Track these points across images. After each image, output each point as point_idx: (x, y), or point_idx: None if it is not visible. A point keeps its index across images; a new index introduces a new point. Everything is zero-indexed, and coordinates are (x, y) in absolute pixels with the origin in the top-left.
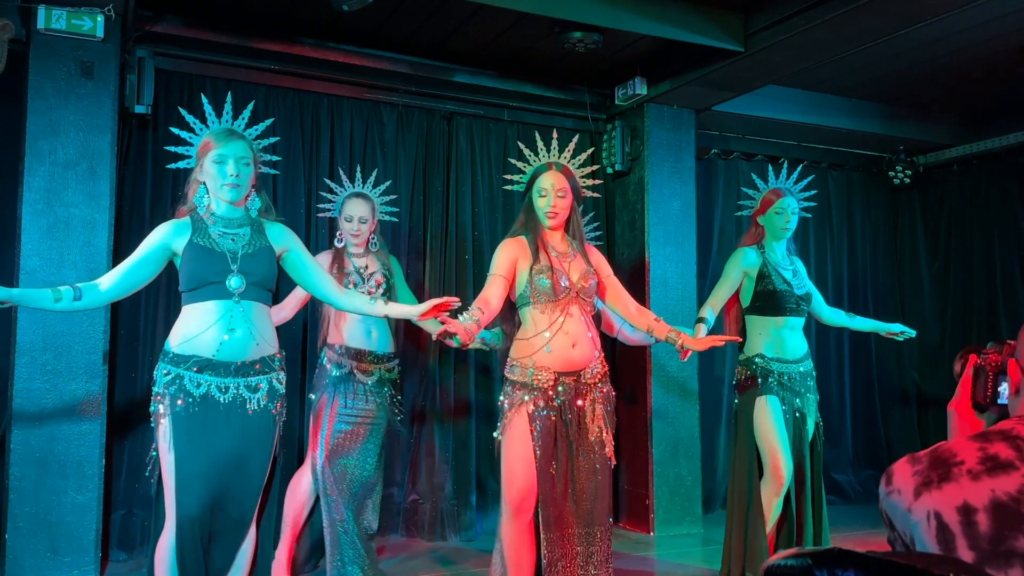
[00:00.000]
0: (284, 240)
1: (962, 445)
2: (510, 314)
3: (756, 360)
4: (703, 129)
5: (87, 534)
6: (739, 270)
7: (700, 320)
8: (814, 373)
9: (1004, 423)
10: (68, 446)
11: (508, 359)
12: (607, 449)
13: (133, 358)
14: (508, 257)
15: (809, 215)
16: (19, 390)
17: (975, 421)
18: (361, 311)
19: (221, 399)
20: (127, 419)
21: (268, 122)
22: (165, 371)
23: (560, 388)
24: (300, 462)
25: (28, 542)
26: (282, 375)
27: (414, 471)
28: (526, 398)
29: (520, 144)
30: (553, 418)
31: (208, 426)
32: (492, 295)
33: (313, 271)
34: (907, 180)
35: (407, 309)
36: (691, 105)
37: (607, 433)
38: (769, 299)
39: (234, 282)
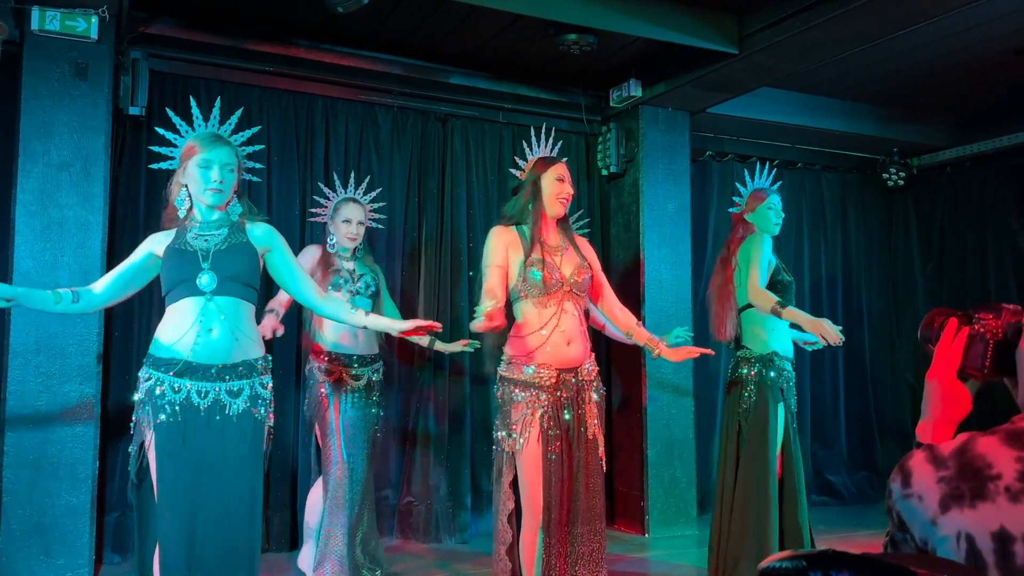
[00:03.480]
0: (268, 240)
1: (996, 450)
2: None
3: (774, 359)
4: (698, 131)
5: (81, 536)
6: (766, 257)
7: (782, 305)
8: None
9: None
10: (62, 448)
11: (504, 357)
12: (601, 449)
13: (127, 360)
14: (500, 245)
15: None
16: (12, 392)
17: (962, 391)
18: (341, 318)
19: (200, 404)
20: (121, 421)
21: (255, 129)
22: (146, 376)
23: (562, 386)
24: (293, 470)
25: (21, 545)
26: (267, 379)
27: (408, 473)
28: (531, 398)
29: (524, 143)
30: (559, 417)
31: (188, 434)
32: (496, 285)
33: (295, 273)
34: (901, 182)
35: (389, 323)
36: (686, 107)
37: (601, 433)
38: (784, 292)
39: (205, 280)
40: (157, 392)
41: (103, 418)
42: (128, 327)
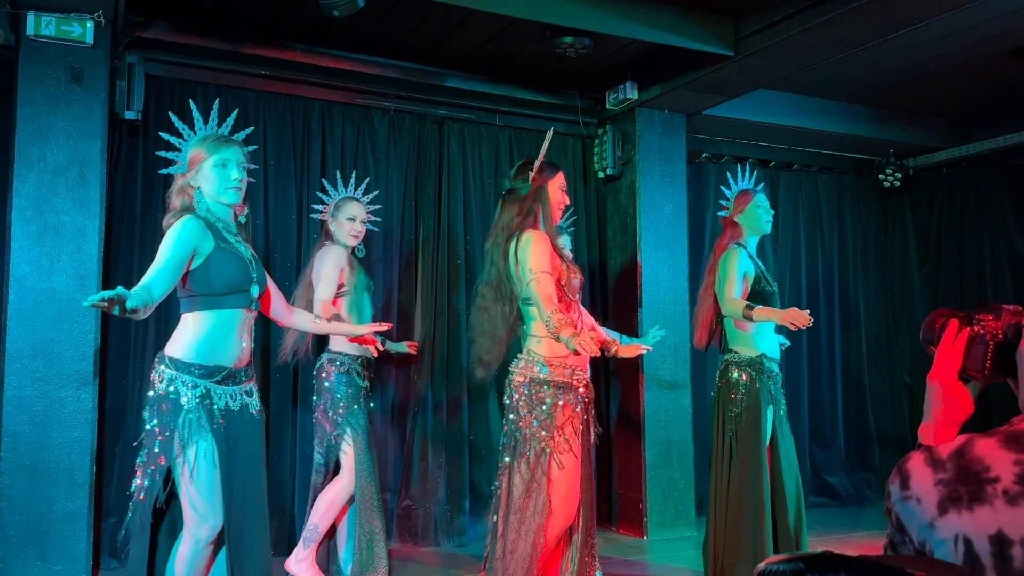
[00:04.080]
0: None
1: (994, 453)
2: (501, 310)
3: (764, 362)
4: (694, 133)
5: (78, 542)
6: (741, 270)
7: (750, 308)
8: None
9: None
10: (59, 454)
11: (535, 358)
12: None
13: (124, 365)
14: (550, 252)
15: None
16: (9, 398)
17: (963, 393)
18: (305, 329)
19: (233, 408)
20: (118, 426)
21: (249, 130)
22: (192, 383)
23: (587, 387)
24: (292, 473)
25: (18, 551)
26: None
27: (407, 477)
28: (573, 400)
29: (529, 148)
30: (586, 420)
31: (233, 436)
32: (554, 292)
33: (272, 289)
34: (897, 183)
35: (349, 328)
36: (682, 109)
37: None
38: (766, 302)
39: (254, 291)
40: (209, 400)
41: (100, 423)
42: (124, 332)
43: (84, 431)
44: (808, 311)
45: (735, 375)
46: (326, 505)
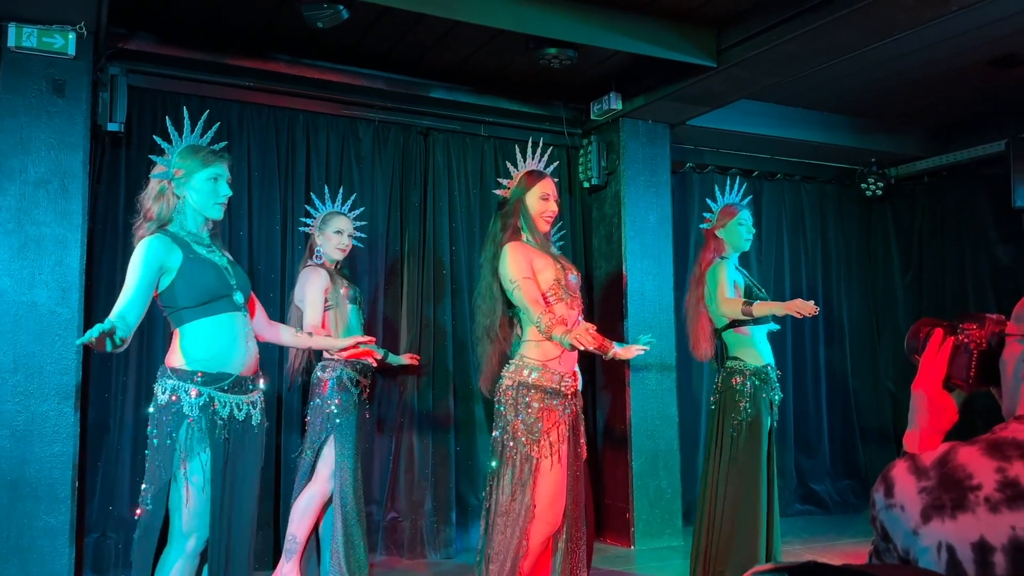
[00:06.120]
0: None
1: (976, 460)
2: (505, 316)
3: (768, 371)
4: (678, 143)
5: (60, 558)
6: (731, 279)
7: (748, 304)
8: None
9: (1020, 430)
10: (40, 468)
11: (528, 360)
12: (584, 454)
13: (106, 378)
14: (526, 259)
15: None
16: None
17: (948, 401)
18: (286, 343)
19: (238, 417)
20: (100, 440)
21: (222, 144)
22: (194, 391)
23: (576, 395)
24: (276, 485)
25: None
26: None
27: (393, 488)
28: (559, 407)
29: (507, 163)
30: (574, 427)
31: (232, 449)
32: (539, 295)
33: (253, 300)
34: (879, 192)
35: (332, 342)
36: (666, 120)
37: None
38: None
39: (238, 298)
40: (211, 409)
41: (82, 438)
42: None
43: (66, 445)
44: (813, 301)
45: (740, 384)
46: (300, 513)
